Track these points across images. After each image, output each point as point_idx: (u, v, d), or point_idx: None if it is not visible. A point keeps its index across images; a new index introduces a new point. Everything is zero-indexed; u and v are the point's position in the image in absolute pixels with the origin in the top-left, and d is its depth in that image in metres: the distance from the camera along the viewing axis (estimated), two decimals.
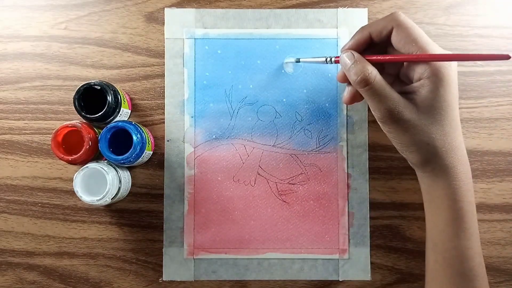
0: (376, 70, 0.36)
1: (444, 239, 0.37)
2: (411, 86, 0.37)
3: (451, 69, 0.36)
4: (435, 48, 0.36)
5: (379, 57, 0.37)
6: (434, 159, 0.37)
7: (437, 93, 0.36)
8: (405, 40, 0.36)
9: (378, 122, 0.38)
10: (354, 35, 0.39)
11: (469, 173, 0.38)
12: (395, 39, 0.37)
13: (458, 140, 0.37)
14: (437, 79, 0.35)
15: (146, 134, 0.43)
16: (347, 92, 0.40)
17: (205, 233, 0.45)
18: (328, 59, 0.41)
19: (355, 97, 0.40)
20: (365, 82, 0.36)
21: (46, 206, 0.46)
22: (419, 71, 0.36)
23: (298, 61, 0.45)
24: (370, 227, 0.45)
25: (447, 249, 0.37)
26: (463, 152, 0.38)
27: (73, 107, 0.40)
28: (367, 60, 0.37)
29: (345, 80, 0.39)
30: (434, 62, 0.36)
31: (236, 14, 0.46)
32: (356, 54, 0.37)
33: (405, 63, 0.38)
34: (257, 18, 0.46)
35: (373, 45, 0.39)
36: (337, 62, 0.41)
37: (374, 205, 0.46)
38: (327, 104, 0.46)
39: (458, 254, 0.37)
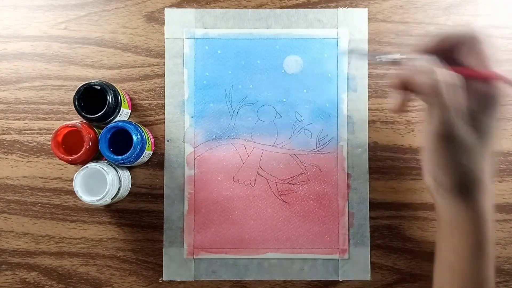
0: (457, 76, 0.32)
1: (461, 263, 0.35)
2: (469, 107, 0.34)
3: (503, 95, 0.34)
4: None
5: (462, 70, 0.33)
6: (468, 185, 0.34)
7: (494, 118, 0.34)
8: (478, 61, 0.33)
9: (424, 136, 0.34)
10: (432, 39, 0.35)
11: (493, 199, 0.36)
12: (466, 55, 0.34)
13: (491, 169, 0.35)
14: (496, 104, 0.33)
15: (146, 134, 0.43)
16: (397, 99, 0.36)
17: (205, 233, 0.45)
18: (404, 57, 0.35)
19: (405, 106, 0.36)
20: (436, 90, 0.32)
21: (46, 206, 0.46)
22: (479, 91, 0.33)
23: (375, 58, 0.37)
24: (370, 227, 0.45)
25: (465, 273, 0.35)
26: (491, 178, 0.35)
27: (73, 107, 0.40)
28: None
29: (401, 86, 0.35)
30: (495, 86, 0.33)
31: (236, 14, 0.46)
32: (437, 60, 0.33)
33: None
34: (257, 18, 0.46)
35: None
36: (406, 63, 0.35)
37: (374, 205, 0.46)
38: (327, 104, 0.46)
39: (475, 278, 0.35)
